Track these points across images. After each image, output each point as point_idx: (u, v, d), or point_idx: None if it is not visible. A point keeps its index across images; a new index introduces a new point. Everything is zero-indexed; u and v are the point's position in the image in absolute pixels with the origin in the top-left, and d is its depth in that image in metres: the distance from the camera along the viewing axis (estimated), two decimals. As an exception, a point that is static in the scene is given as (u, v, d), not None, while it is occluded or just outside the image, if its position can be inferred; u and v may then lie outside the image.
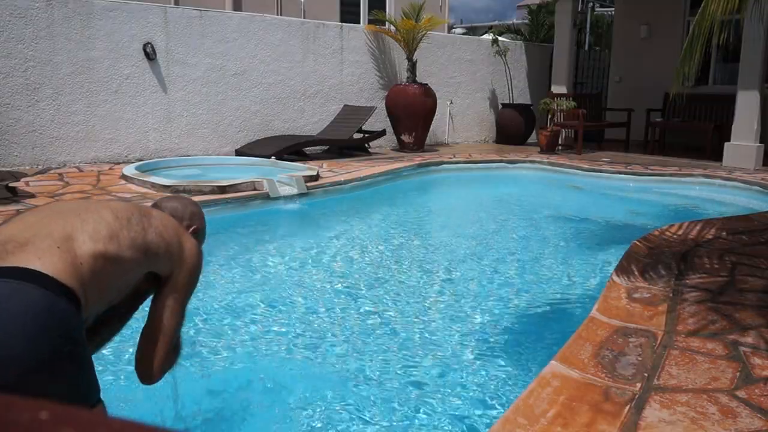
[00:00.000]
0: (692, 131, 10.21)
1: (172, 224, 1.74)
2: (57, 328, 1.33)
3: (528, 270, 4.43)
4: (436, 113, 9.80)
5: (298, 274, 4.27)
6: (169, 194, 2.06)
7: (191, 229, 1.92)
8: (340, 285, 4.06)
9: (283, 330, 3.27)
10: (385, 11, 12.82)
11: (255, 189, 5.82)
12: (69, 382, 1.37)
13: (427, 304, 3.71)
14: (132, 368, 1.70)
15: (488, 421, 2.34)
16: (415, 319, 3.45)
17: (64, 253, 1.41)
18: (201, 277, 1.83)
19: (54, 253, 1.39)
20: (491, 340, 3.17)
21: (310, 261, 4.60)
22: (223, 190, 5.61)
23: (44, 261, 1.36)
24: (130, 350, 2.51)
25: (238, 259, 4.56)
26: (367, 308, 3.62)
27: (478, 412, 2.46)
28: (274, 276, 4.24)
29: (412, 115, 9.31)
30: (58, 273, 1.36)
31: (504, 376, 2.77)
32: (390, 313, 3.53)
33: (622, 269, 3.61)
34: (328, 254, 4.81)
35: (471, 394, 2.61)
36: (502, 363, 2.91)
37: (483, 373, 2.79)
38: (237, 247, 4.88)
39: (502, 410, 2.16)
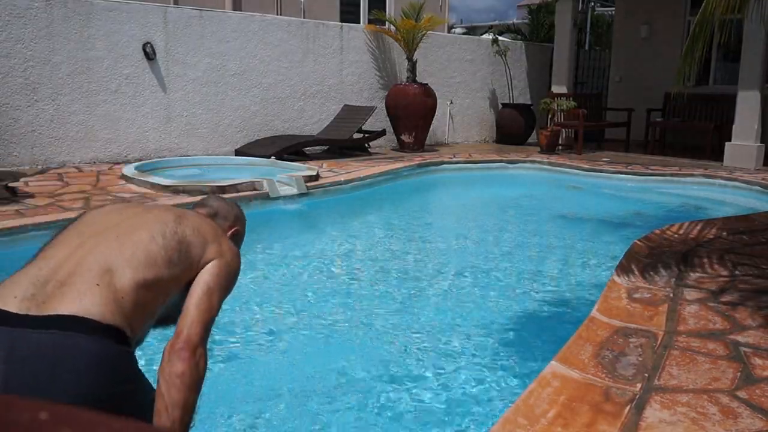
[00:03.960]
0: (693, 131, 10.20)
1: (209, 227, 1.69)
2: (110, 373, 1.31)
3: (528, 270, 4.43)
4: (436, 113, 9.79)
5: (298, 274, 4.27)
6: (215, 195, 2.03)
7: (232, 231, 1.88)
8: (339, 285, 4.06)
9: (283, 330, 3.27)
10: (385, 11, 12.82)
11: (255, 189, 5.81)
12: (131, 413, 1.34)
13: (426, 304, 3.71)
14: None
15: (488, 421, 2.34)
16: (415, 319, 3.44)
17: (105, 289, 1.38)
18: None
19: (95, 292, 1.36)
20: (491, 340, 3.17)
21: (309, 261, 4.60)
22: (222, 190, 5.61)
23: (85, 302, 1.33)
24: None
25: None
26: (366, 308, 3.61)
27: (479, 412, 2.46)
28: (273, 276, 4.23)
29: (412, 115, 9.30)
30: (102, 314, 1.33)
31: (504, 376, 2.77)
32: (390, 313, 3.52)
33: (623, 269, 3.60)
34: (327, 254, 4.81)
35: (471, 394, 2.60)
36: (502, 363, 2.90)
37: (483, 373, 2.79)
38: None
39: (503, 410, 2.16)
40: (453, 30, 21.06)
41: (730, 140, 8.50)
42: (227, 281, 1.61)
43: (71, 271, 1.39)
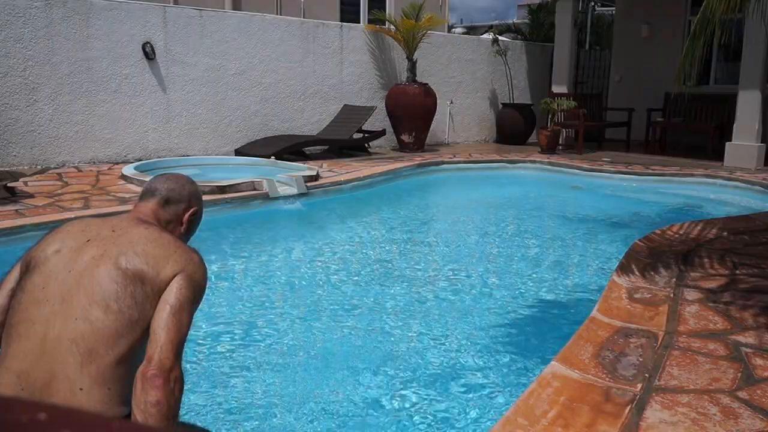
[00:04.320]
0: (693, 131, 10.20)
1: (157, 245, 1.52)
2: None
3: (528, 270, 4.43)
4: (436, 113, 9.79)
5: (298, 274, 4.26)
6: (162, 175, 1.83)
7: (189, 213, 1.75)
8: (339, 285, 4.05)
9: (282, 330, 3.26)
10: (385, 11, 12.81)
11: (255, 189, 5.81)
12: None
13: (426, 304, 3.70)
14: None
15: (489, 421, 2.33)
16: (414, 319, 3.44)
17: (89, 392, 1.37)
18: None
19: (83, 399, 1.36)
20: (491, 340, 3.16)
21: (309, 261, 4.60)
22: (222, 190, 5.60)
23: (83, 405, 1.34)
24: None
25: (237, 259, 4.55)
26: (366, 308, 3.61)
27: (479, 413, 2.46)
28: (273, 276, 4.23)
29: (412, 115, 9.30)
30: (102, 411, 1.34)
31: (504, 376, 2.77)
32: (389, 313, 3.52)
33: (623, 269, 3.60)
34: (327, 254, 4.80)
35: (471, 394, 2.60)
36: (503, 363, 2.90)
37: (483, 373, 2.79)
38: (237, 248, 4.87)
39: (503, 410, 2.15)
40: (453, 30, 21.05)
41: (730, 140, 8.50)
42: (193, 294, 1.51)
43: (48, 377, 1.38)
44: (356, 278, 4.22)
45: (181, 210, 1.73)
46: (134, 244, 1.51)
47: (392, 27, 10.04)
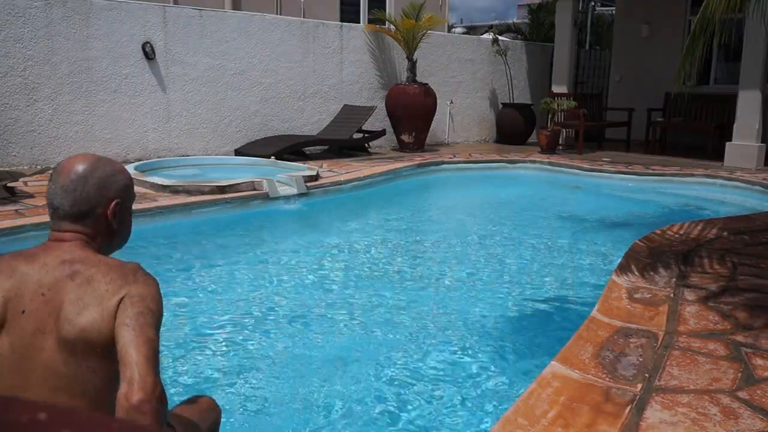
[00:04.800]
0: (693, 131, 10.20)
1: (87, 288, 1.35)
2: None
3: (528, 270, 4.43)
4: (436, 113, 9.79)
5: (298, 274, 4.26)
6: (62, 186, 1.40)
7: (111, 210, 1.45)
8: (339, 285, 4.05)
9: (281, 330, 3.26)
10: (385, 10, 12.80)
11: (255, 189, 5.81)
12: None
13: (425, 305, 3.70)
14: None
15: (489, 421, 2.33)
16: (414, 319, 3.44)
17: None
18: (203, 277, 1.68)
19: None
20: (491, 340, 3.16)
21: (309, 261, 4.59)
22: (222, 190, 5.60)
23: None
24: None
25: (237, 259, 4.55)
26: (365, 308, 3.61)
27: (479, 413, 2.46)
28: (273, 276, 4.23)
29: (412, 115, 9.30)
30: None
31: (504, 376, 2.77)
32: (389, 313, 3.52)
33: (623, 269, 3.60)
34: (327, 254, 4.80)
35: (471, 394, 2.60)
36: (503, 363, 2.90)
37: (483, 373, 2.79)
38: (236, 248, 4.87)
39: (503, 411, 2.15)
40: (453, 29, 21.05)
41: (730, 140, 8.50)
42: (146, 307, 1.34)
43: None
44: (356, 278, 4.22)
45: (99, 214, 1.44)
46: (68, 309, 1.33)
47: (392, 27, 10.04)
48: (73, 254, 1.39)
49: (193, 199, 5.40)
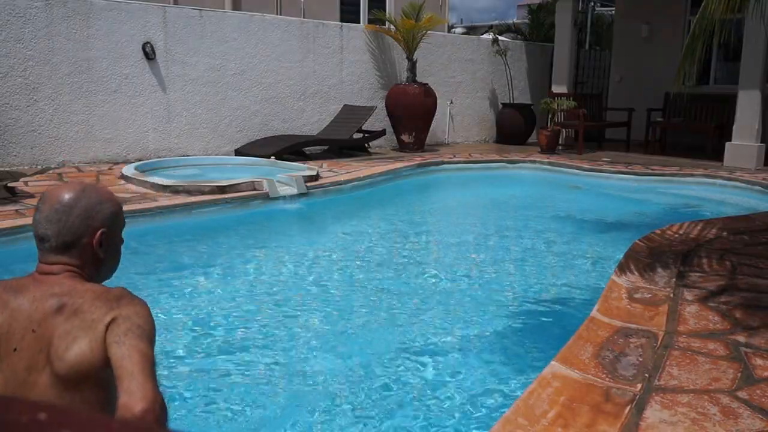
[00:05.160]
0: (693, 131, 10.20)
1: (75, 322, 1.33)
2: None
3: (528, 270, 4.43)
4: (436, 113, 9.79)
5: (298, 274, 4.26)
6: (46, 216, 1.39)
7: (96, 240, 1.43)
8: (339, 285, 4.05)
9: (281, 330, 3.26)
10: (385, 11, 12.81)
11: (255, 189, 5.81)
12: None
13: (425, 305, 3.70)
14: None
15: (489, 421, 2.33)
16: (414, 320, 3.44)
17: None
18: (204, 277, 1.67)
19: None
20: (491, 340, 3.16)
21: (309, 261, 4.60)
22: (222, 190, 5.60)
23: None
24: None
25: (237, 259, 4.55)
26: (365, 308, 3.61)
27: (479, 413, 2.46)
28: (273, 276, 4.23)
29: (412, 115, 9.30)
30: None
31: (504, 376, 2.77)
32: (389, 313, 3.52)
33: (623, 269, 3.60)
34: (327, 254, 4.80)
35: (471, 394, 2.60)
36: (502, 363, 2.90)
37: (483, 373, 2.79)
38: (237, 248, 4.87)
39: (503, 411, 2.15)
40: (453, 30, 21.05)
41: (730, 140, 8.50)
42: (134, 324, 1.32)
43: None
44: (356, 278, 4.22)
45: (85, 244, 1.42)
46: (58, 345, 1.32)
47: (392, 27, 10.04)
48: (62, 287, 1.38)
49: (193, 199, 5.41)
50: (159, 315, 3.33)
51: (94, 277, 1.47)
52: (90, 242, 1.42)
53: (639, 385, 2.19)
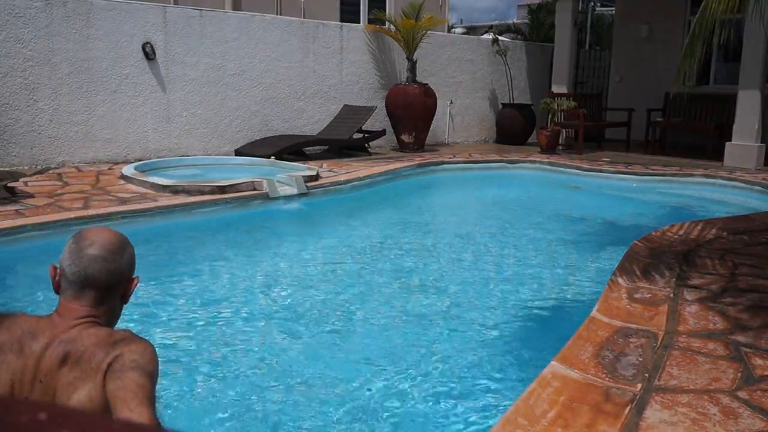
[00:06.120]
0: (693, 131, 10.20)
1: (86, 381, 1.32)
2: None
3: (528, 270, 4.43)
4: (436, 113, 9.79)
5: (298, 274, 4.26)
6: (84, 246, 1.40)
7: (133, 287, 1.49)
8: (339, 285, 4.05)
9: (281, 330, 3.26)
10: (385, 11, 12.81)
11: (255, 189, 5.81)
12: None
13: (426, 305, 3.70)
14: None
15: (489, 421, 2.33)
16: (415, 320, 3.44)
17: None
18: (204, 277, 1.66)
19: None
20: (491, 340, 3.16)
21: (309, 261, 4.60)
22: (222, 190, 5.60)
23: None
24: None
25: (237, 259, 4.55)
26: (365, 308, 3.61)
27: (479, 413, 2.46)
28: (273, 276, 4.23)
29: (412, 115, 9.30)
30: None
31: (504, 376, 2.77)
32: (389, 313, 3.52)
33: (623, 269, 3.60)
34: (327, 254, 4.80)
35: (471, 394, 2.60)
36: (502, 363, 2.90)
37: (483, 372, 2.79)
38: (236, 248, 4.87)
39: (503, 410, 2.15)
40: (453, 30, 21.06)
41: (730, 140, 8.50)
42: (135, 360, 1.31)
43: None
44: (356, 278, 4.22)
45: (122, 290, 1.47)
46: (61, 395, 1.32)
47: (392, 27, 10.04)
48: (70, 333, 1.37)
49: (193, 199, 5.41)
50: (159, 314, 3.33)
51: (111, 321, 1.48)
52: (127, 287, 1.46)
53: (639, 385, 2.19)
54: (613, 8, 13.38)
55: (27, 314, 1.45)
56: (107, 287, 1.41)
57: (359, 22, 12.20)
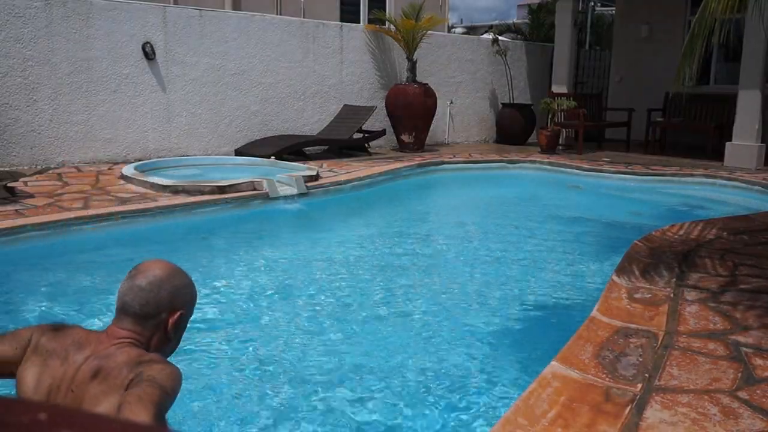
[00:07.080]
0: (693, 131, 10.20)
1: (107, 385, 1.37)
2: None
3: (528, 270, 4.43)
4: (436, 113, 9.79)
5: (298, 275, 4.26)
6: (133, 286, 1.48)
7: (175, 319, 1.51)
8: (338, 285, 4.05)
9: (281, 330, 3.27)
10: (385, 11, 12.81)
11: (255, 189, 5.81)
12: None
13: (425, 305, 3.70)
14: None
15: (489, 421, 2.33)
16: (415, 320, 3.44)
17: None
18: (203, 277, 1.68)
19: None
20: (491, 340, 3.16)
21: (309, 261, 4.60)
22: (222, 190, 5.60)
23: None
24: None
25: (237, 259, 4.55)
26: (365, 308, 3.61)
27: (479, 413, 2.46)
28: (273, 276, 4.23)
29: (412, 115, 9.30)
30: None
31: (504, 376, 2.77)
32: (388, 314, 3.52)
33: (623, 269, 3.60)
34: (327, 254, 4.80)
35: (471, 394, 2.60)
36: (502, 363, 2.90)
37: (483, 373, 2.79)
38: (237, 248, 4.87)
39: (503, 411, 2.15)
40: (453, 30, 21.06)
41: (730, 140, 8.50)
42: (153, 377, 1.34)
43: None
44: (356, 278, 4.22)
45: (163, 320, 1.50)
46: (86, 407, 1.37)
47: (392, 27, 10.04)
48: (108, 350, 1.43)
49: (193, 199, 5.41)
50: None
51: (159, 350, 1.52)
52: (167, 319, 1.50)
53: (639, 385, 2.19)
54: (613, 8, 13.38)
55: (81, 327, 1.53)
56: (143, 316, 1.48)
57: (359, 22, 12.20)
